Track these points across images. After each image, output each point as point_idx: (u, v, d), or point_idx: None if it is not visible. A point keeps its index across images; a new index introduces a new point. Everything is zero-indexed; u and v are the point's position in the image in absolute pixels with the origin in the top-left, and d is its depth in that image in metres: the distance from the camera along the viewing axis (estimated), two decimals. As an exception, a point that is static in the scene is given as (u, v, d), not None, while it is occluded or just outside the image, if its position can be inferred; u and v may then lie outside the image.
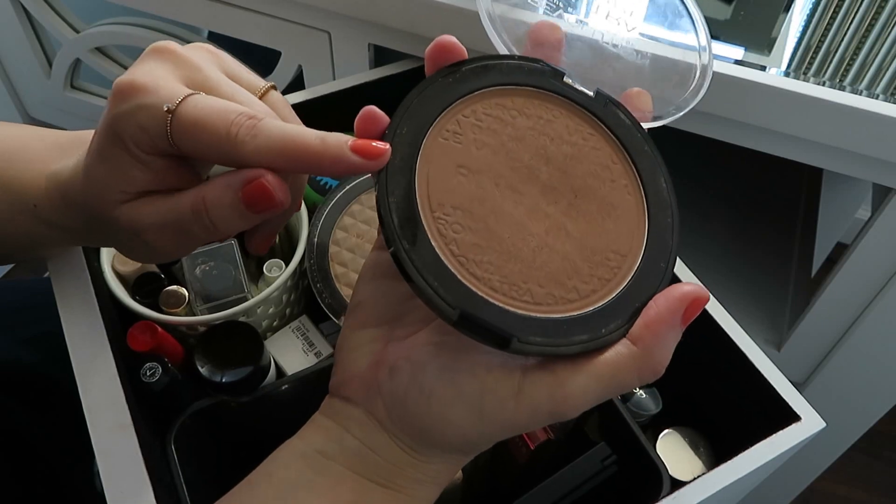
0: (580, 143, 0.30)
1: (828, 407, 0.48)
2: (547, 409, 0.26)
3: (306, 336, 0.52)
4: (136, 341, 0.44)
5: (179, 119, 0.28)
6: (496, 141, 0.29)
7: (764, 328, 0.73)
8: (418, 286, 0.25)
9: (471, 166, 0.28)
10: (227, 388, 0.45)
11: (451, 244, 0.26)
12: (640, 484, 0.44)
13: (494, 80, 0.30)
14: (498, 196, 0.28)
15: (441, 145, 0.28)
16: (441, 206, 0.27)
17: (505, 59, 0.30)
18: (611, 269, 0.28)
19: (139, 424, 0.38)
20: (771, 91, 0.51)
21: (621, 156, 0.30)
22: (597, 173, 0.29)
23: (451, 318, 0.25)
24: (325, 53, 0.68)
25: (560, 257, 0.27)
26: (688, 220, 0.83)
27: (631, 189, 0.30)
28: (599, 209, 0.29)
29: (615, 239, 0.28)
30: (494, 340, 0.25)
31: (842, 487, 1.18)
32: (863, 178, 0.55)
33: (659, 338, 0.26)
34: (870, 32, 0.59)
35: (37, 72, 0.92)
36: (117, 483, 0.36)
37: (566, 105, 0.30)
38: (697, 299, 0.26)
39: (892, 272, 0.59)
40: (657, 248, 0.28)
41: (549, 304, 0.26)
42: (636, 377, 0.26)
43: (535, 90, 0.30)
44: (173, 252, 0.32)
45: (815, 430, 0.41)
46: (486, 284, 0.26)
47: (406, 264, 0.25)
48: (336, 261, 0.53)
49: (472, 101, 0.29)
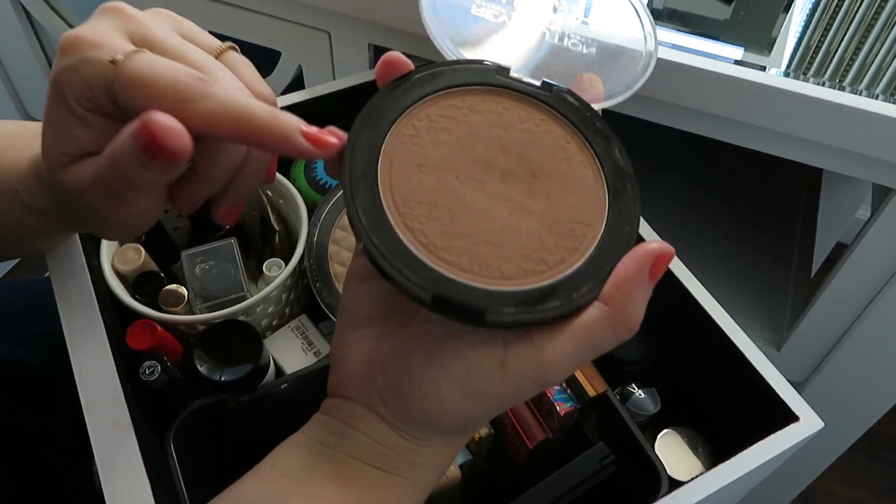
0: (533, 129, 0.31)
1: (827, 407, 0.48)
2: (531, 377, 0.27)
3: (305, 335, 0.53)
4: (136, 340, 0.44)
5: (123, 74, 0.27)
6: (451, 138, 0.30)
7: (764, 328, 0.73)
8: (391, 276, 0.27)
9: (429, 164, 0.29)
10: (227, 387, 0.45)
11: (418, 235, 0.28)
12: (638, 484, 0.44)
13: (444, 83, 0.31)
14: (459, 187, 0.29)
15: (399, 148, 0.30)
16: (405, 203, 0.28)
17: (451, 64, 0.32)
18: (576, 238, 0.29)
19: (138, 423, 0.38)
20: (771, 91, 0.51)
21: (574, 135, 0.31)
22: (552, 154, 0.31)
23: (425, 301, 0.26)
24: (325, 53, 0.69)
25: (525, 234, 0.29)
26: (688, 220, 0.84)
27: (587, 163, 0.31)
28: (558, 186, 0.30)
29: (577, 211, 0.29)
30: (469, 317, 0.26)
31: (841, 487, 1.18)
32: (863, 178, 0.55)
33: (629, 296, 0.27)
34: (870, 32, 0.59)
35: (37, 72, 0.92)
36: (116, 481, 0.36)
37: (515, 97, 0.32)
38: (662, 255, 0.27)
39: (892, 272, 0.59)
40: (620, 215, 0.30)
41: (519, 278, 0.27)
42: (612, 336, 0.27)
43: (484, 87, 0.32)
44: (116, 219, 0.31)
45: (813, 431, 0.41)
46: (456, 266, 0.27)
47: (378, 259, 0.27)
48: (335, 260, 0.53)
49: (426, 106, 0.31)
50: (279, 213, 0.58)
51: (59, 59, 0.28)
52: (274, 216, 0.57)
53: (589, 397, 0.45)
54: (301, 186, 0.58)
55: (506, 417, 0.47)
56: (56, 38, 0.86)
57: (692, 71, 0.51)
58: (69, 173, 0.30)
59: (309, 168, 0.60)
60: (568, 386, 0.46)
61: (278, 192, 0.57)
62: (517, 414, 0.46)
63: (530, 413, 0.46)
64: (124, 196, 0.29)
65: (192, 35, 0.31)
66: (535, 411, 0.46)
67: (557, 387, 0.46)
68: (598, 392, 0.45)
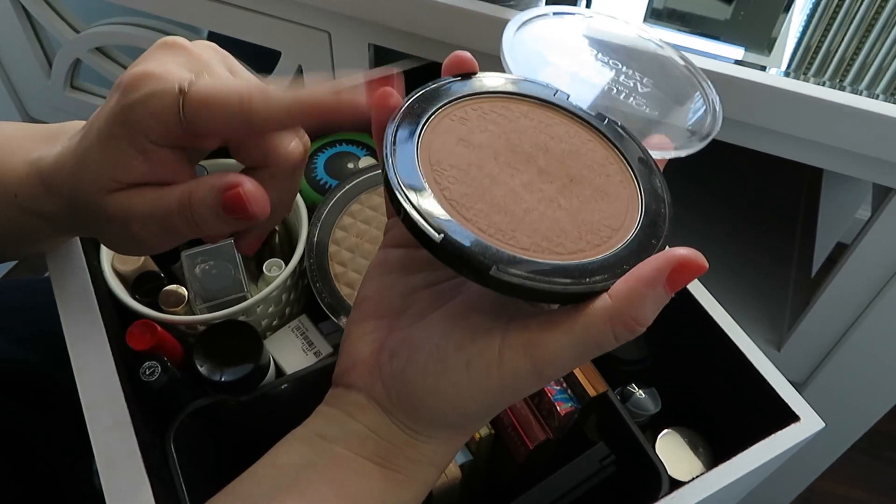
0: (578, 144, 0.31)
1: (827, 407, 0.48)
2: (528, 370, 0.27)
3: (306, 335, 0.52)
4: (136, 340, 0.44)
5: (192, 97, 0.29)
6: (498, 130, 0.31)
7: (764, 328, 0.73)
8: (408, 213, 0.26)
9: (472, 142, 0.30)
10: (227, 387, 0.45)
11: (444, 190, 0.28)
12: (638, 484, 0.44)
13: (505, 87, 0.32)
14: (495, 168, 0.29)
15: (446, 124, 0.30)
16: (439, 163, 0.28)
17: (516, 79, 0.33)
18: (601, 237, 0.28)
19: (138, 423, 0.38)
20: (771, 91, 0.51)
21: (618, 160, 0.31)
22: (593, 167, 0.30)
23: (434, 241, 0.26)
24: (325, 53, 0.68)
25: (549, 220, 0.28)
26: (688, 220, 0.84)
27: (626, 184, 0.30)
28: (593, 194, 0.29)
29: (607, 216, 0.29)
30: (473, 268, 0.26)
31: (842, 487, 1.18)
32: (863, 178, 0.55)
33: (635, 293, 0.25)
34: (870, 32, 0.59)
35: (37, 72, 0.92)
36: (116, 482, 0.36)
37: (568, 116, 0.32)
38: (688, 263, 0.25)
39: (892, 272, 0.59)
40: (650, 230, 0.29)
41: (534, 251, 0.27)
42: (610, 333, 0.26)
43: (540, 101, 0.32)
44: (156, 246, 0.33)
45: (814, 431, 0.41)
46: (474, 225, 0.27)
47: (398, 192, 0.27)
48: (335, 260, 0.53)
49: (482, 100, 0.31)
50: (279, 214, 0.58)
51: (125, 92, 0.30)
52: (274, 216, 0.57)
53: (589, 397, 0.45)
54: (301, 186, 0.58)
55: (506, 417, 0.47)
56: (56, 38, 0.86)
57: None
58: (117, 200, 0.31)
59: (309, 168, 0.60)
60: (568, 386, 0.46)
61: (278, 192, 0.57)
62: (518, 414, 0.46)
63: (531, 413, 0.46)
64: (180, 233, 0.31)
65: (235, 67, 0.34)
66: (536, 411, 0.46)
67: (558, 387, 0.46)
68: (598, 392, 0.45)
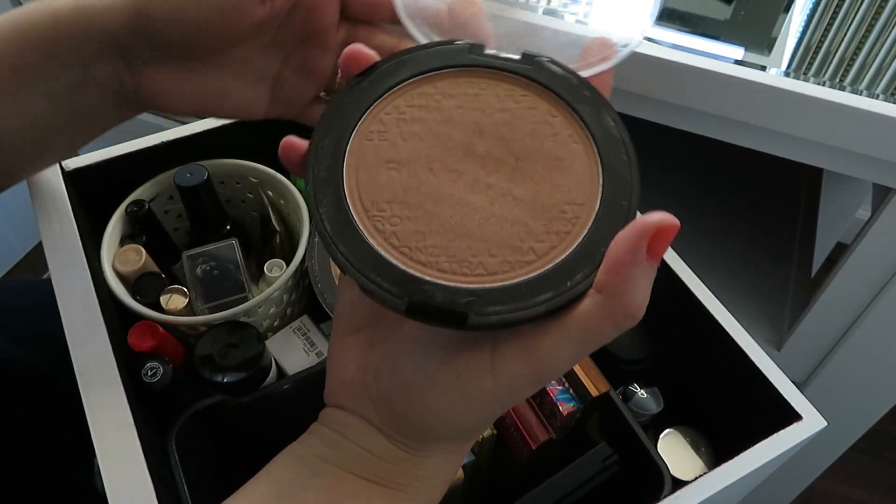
0: (513, 108, 0.28)
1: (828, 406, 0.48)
2: (525, 377, 0.25)
3: (307, 336, 0.52)
4: (137, 341, 0.44)
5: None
6: (423, 128, 0.28)
7: (764, 328, 0.73)
8: (362, 285, 0.25)
9: (400, 159, 0.27)
10: (228, 388, 0.45)
11: (390, 238, 0.26)
12: (641, 484, 0.44)
13: (412, 71, 0.29)
14: (433, 180, 0.27)
15: (367, 146, 0.27)
16: (375, 205, 0.26)
17: (420, 49, 0.30)
18: (567, 221, 0.26)
19: (140, 424, 0.38)
20: (771, 91, 0.51)
21: (561, 107, 0.28)
22: (536, 131, 0.28)
23: (400, 309, 0.24)
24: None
25: (510, 223, 0.26)
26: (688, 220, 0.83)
27: (577, 137, 0.28)
28: (545, 166, 0.27)
29: (568, 191, 0.26)
30: (450, 320, 0.24)
31: (842, 487, 1.18)
32: (863, 178, 0.55)
33: (625, 280, 0.23)
34: (870, 32, 0.59)
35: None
36: (118, 483, 0.36)
37: (492, 74, 0.29)
38: (661, 229, 0.23)
39: (892, 272, 0.59)
40: (616, 189, 0.26)
41: (505, 272, 0.25)
42: (611, 326, 0.24)
43: (456, 69, 0.29)
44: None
45: (816, 430, 0.41)
46: (434, 268, 0.25)
47: (346, 267, 0.25)
48: (337, 261, 0.53)
49: (393, 97, 0.29)
50: (280, 214, 0.58)
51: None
52: (275, 217, 0.57)
53: (591, 397, 0.45)
54: (302, 187, 0.58)
55: (508, 418, 0.47)
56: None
57: (693, 71, 0.51)
58: None
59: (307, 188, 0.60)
60: (570, 386, 0.46)
61: (279, 192, 0.57)
62: (520, 414, 0.46)
63: (533, 414, 0.46)
64: None
65: None
66: (538, 412, 0.46)
67: (560, 387, 0.46)
68: (600, 392, 0.45)
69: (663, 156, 0.85)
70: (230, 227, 0.57)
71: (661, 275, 0.51)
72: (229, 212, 0.57)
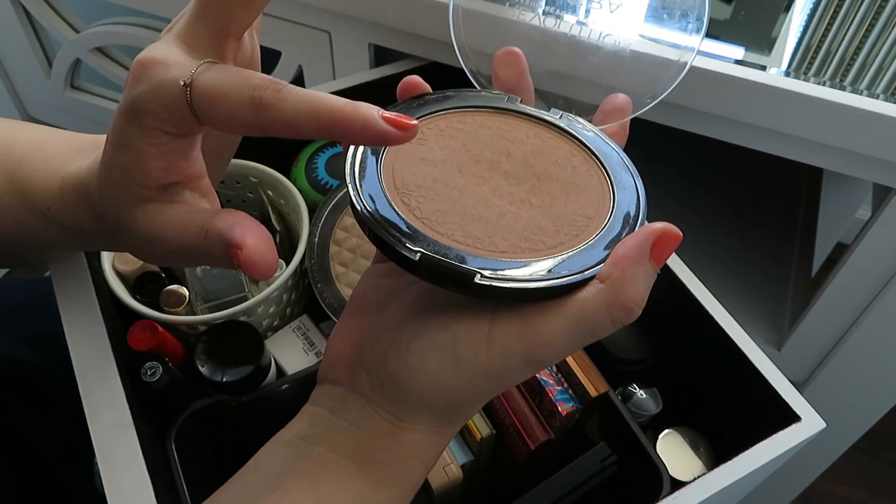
0: (539, 143, 0.32)
1: (828, 407, 0.48)
2: (519, 352, 0.26)
3: (307, 336, 0.53)
4: (137, 340, 0.44)
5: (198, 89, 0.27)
6: (458, 143, 0.31)
7: (764, 328, 0.73)
8: (382, 239, 0.27)
9: (433, 159, 0.30)
10: (228, 388, 0.45)
11: (415, 210, 0.28)
12: (640, 484, 0.44)
13: (455, 104, 0.33)
14: (461, 179, 0.29)
15: (405, 147, 0.30)
16: (405, 185, 0.29)
17: (464, 90, 0.33)
18: (578, 227, 0.28)
19: (140, 424, 0.38)
20: (771, 91, 0.51)
21: (581, 150, 0.32)
22: (558, 163, 0.31)
23: (413, 261, 0.26)
24: (325, 53, 0.68)
25: (525, 220, 0.28)
26: (688, 219, 0.84)
27: (593, 172, 0.31)
28: (563, 187, 0.30)
29: (581, 206, 0.29)
30: (456, 280, 0.26)
31: (842, 487, 1.18)
32: (863, 178, 0.55)
33: (626, 273, 0.26)
34: (870, 32, 0.59)
35: (37, 72, 0.92)
36: (118, 482, 0.36)
37: (525, 119, 0.33)
38: (665, 235, 0.26)
39: (892, 272, 0.59)
40: (625, 208, 0.29)
41: (514, 253, 0.27)
42: (606, 316, 0.26)
43: (493, 110, 0.33)
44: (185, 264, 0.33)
45: (815, 431, 0.41)
46: (450, 238, 0.27)
47: (371, 223, 0.27)
48: (337, 261, 0.53)
49: (436, 119, 0.32)
50: (280, 214, 0.58)
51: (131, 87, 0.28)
52: (275, 216, 0.57)
53: (590, 397, 0.45)
54: (302, 187, 0.58)
55: (507, 418, 0.47)
56: (56, 38, 0.86)
57: (693, 71, 0.51)
58: (142, 215, 0.30)
59: (310, 168, 0.60)
60: (570, 386, 0.46)
61: (279, 192, 0.57)
62: (519, 414, 0.46)
63: (532, 414, 0.46)
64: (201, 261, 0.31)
65: None
66: (537, 412, 0.46)
67: (559, 387, 0.46)
68: (599, 392, 0.45)
69: (663, 156, 0.86)
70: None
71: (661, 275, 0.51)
72: (229, 211, 0.57)
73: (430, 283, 0.26)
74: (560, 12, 0.36)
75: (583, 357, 0.47)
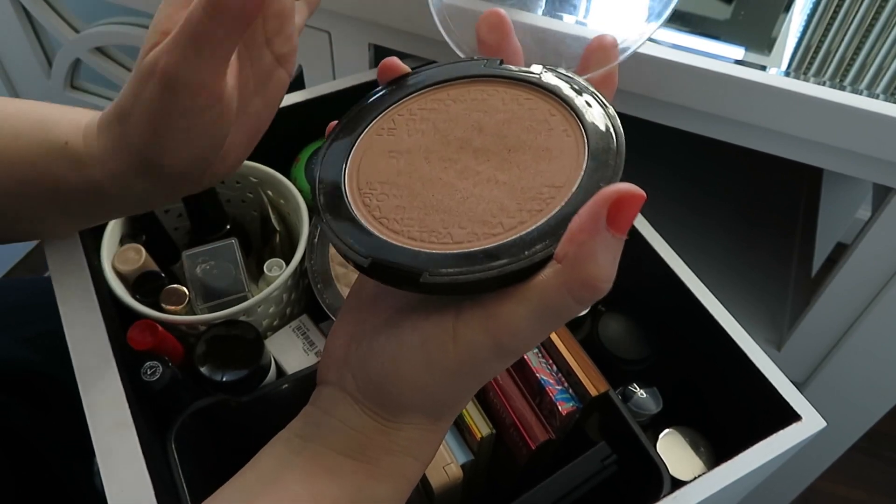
0: (515, 109, 0.31)
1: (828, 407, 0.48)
2: (485, 345, 0.26)
3: (307, 335, 0.52)
4: (137, 340, 0.44)
5: None
6: (428, 126, 0.31)
7: (764, 328, 0.73)
8: (336, 246, 0.28)
9: (400, 149, 0.30)
10: (228, 388, 0.45)
11: (373, 211, 0.29)
12: (640, 484, 0.44)
13: (431, 80, 0.32)
14: (426, 167, 0.30)
15: (375, 140, 0.31)
16: (368, 184, 0.29)
17: (444, 64, 0.33)
18: (542, 201, 0.27)
19: (139, 423, 0.38)
20: (771, 91, 0.51)
21: (560, 107, 0.30)
22: (533, 128, 0.30)
23: (363, 266, 0.27)
24: (325, 53, 0.68)
25: (487, 201, 0.28)
26: (688, 219, 0.84)
27: (570, 131, 0.29)
28: (534, 156, 0.29)
29: (550, 175, 0.28)
30: (405, 280, 0.26)
31: (842, 487, 1.18)
32: (863, 178, 0.55)
33: (583, 248, 0.23)
34: (870, 32, 0.59)
35: (37, 72, 0.92)
36: (118, 482, 0.36)
37: (503, 83, 0.32)
38: (622, 197, 0.23)
39: (892, 272, 0.59)
40: (597, 174, 0.27)
41: (469, 241, 0.27)
42: (568, 297, 0.24)
43: (471, 79, 0.32)
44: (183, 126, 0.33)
45: (815, 430, 0.41)
46: (405, 235, 0.27)
47: (327, 232, 0.28)
48: (336, 261, 0.53)
49: (409, 102, 0.32)
50: (280, 214, 0.58)
51: None
52: (275, 216, 0.57)
53: (591, 397, 0.45)
54: (302, 187, 0.58)
55: (508, 417, 0.47)
56: (56, 38, 0.86)
57: (692, 71, 0.51)
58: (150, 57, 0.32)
59: (310, 168, 0.60)
60: (570, 386, 0.46)
61: (279, 192, 0.57)
62: (519, 414, 0.46)
63: (532, 413, 0.46)
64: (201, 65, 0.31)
65: None
66: (537, 412, 0.46)
67: (559, 387, 0.46)
68: (599, 392, 0.45)
69: (663, 156, 0.85)
70: (230, 227, 0.57)
71: (661, 275, 0.51)
72: (229, 211, 0.57)
73: (384, 284, 0.27)
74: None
75: (583, 357, 0.47)
